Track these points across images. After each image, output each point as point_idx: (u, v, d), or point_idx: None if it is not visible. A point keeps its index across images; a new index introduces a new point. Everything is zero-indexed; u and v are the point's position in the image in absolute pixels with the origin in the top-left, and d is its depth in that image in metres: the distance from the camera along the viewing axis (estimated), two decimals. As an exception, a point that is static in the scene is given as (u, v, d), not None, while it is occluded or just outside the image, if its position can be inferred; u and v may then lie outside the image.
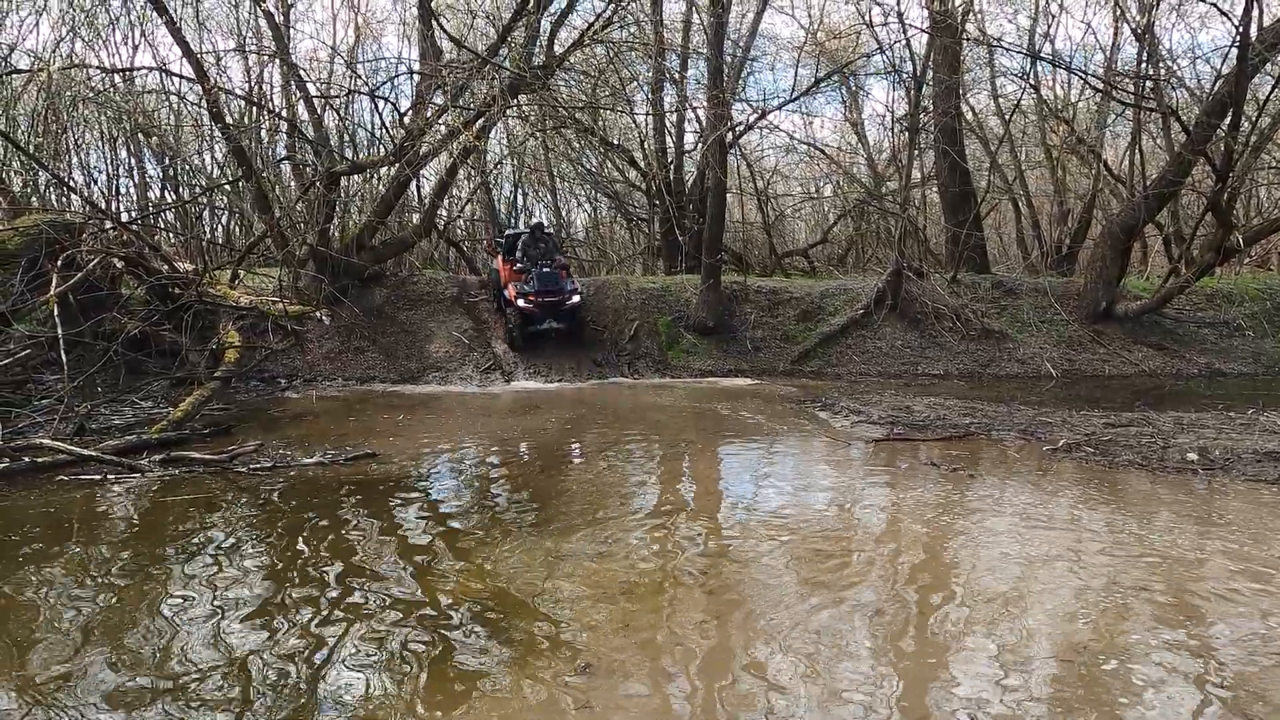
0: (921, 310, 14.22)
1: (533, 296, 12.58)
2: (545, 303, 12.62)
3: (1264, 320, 14.39)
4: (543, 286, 12.61)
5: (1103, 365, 13.23)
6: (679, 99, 17.70)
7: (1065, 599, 3.80)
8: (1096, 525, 4.90)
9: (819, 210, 24.32)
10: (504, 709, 2.91)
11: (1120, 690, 2.97)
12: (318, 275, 12.43)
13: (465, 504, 5.79)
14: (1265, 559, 4.23)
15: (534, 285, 12.64)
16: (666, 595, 3.93)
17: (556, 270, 12.95)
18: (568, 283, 13.07)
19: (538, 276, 12.64)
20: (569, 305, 12.84)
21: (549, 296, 12.62)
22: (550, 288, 12.64)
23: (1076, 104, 19.49)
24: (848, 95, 21.23)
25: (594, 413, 9.72)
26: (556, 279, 12.78)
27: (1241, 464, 6.20)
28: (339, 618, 3.70)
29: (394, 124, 12.77)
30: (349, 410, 10.01)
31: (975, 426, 8.01)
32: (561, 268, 13.22)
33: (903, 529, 5.00)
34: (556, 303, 12.71)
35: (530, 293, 12.60)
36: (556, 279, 12.78)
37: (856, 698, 2.95)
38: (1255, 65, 11.55)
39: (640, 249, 22.20)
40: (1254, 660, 3.19)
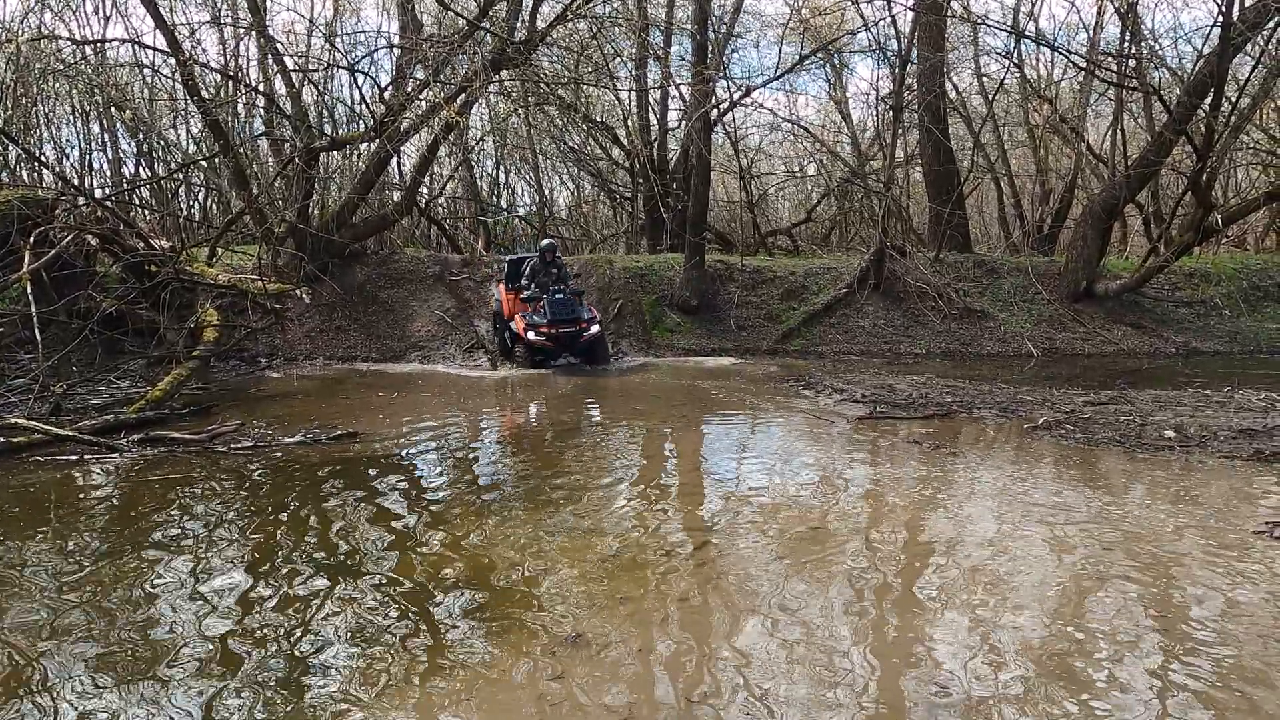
0: (904, 289, 14.28)
1: (545, 328, 10.80)
2: (561, 334, 10.83)
3: (1240, 300, 14.57)
4: (557, 315, 10.79)
5: (1082, 344, 13.35)
6: (663, 75, 17.55)
7: (1042, 572, 3.85)
8: (1075, 501, 4.96)
9: (803, 189, 24.28)
10: (487, 680, 2.91)
11: (1093, 658, 3.02)
12: (297, 253, 12.28)
13: (448, 482, 5.77)
14: (1237, 533, 4.30)
15: (545, 315, 10.86)
16: (652, 569, 3.94)
17: (571, 295, 11.28)
18: (584, 310, 11.31)
19: (550, 304, 10.85)
20: (589, 336, 11.03)
21: (565, 326, 10.79)
22: (566, 315, 10.83)
23: (1059, 83, 19.50)
24: (832, 73, 21.13)
25: (578, 391, 9.70)
26: (572, 305, 11.04)
27: (1217, 441, 6.29)
28: (321, 594, 3.68)
29: (374, 99, 12.58)
30: (330, 389, 9.94)
31: (957, 405, 8.07)
32: (576, 294, 11.48)
33: (885, 505, 5.03)
34: (573, 334, 10.89)
35: (542, 324, 10.82)
36: (572, 305, 11.04)
37: (838, 667, 2.98)
38: (1236, 45, 11.59)
39: (624, 228, 22.10)
40: (1223, 629, 3.25)
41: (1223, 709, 2.72)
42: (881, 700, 2.81)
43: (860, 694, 2.84)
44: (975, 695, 2.81)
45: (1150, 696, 2.81)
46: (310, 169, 11.99)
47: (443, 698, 2.85)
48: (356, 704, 2.79)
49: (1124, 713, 2.71)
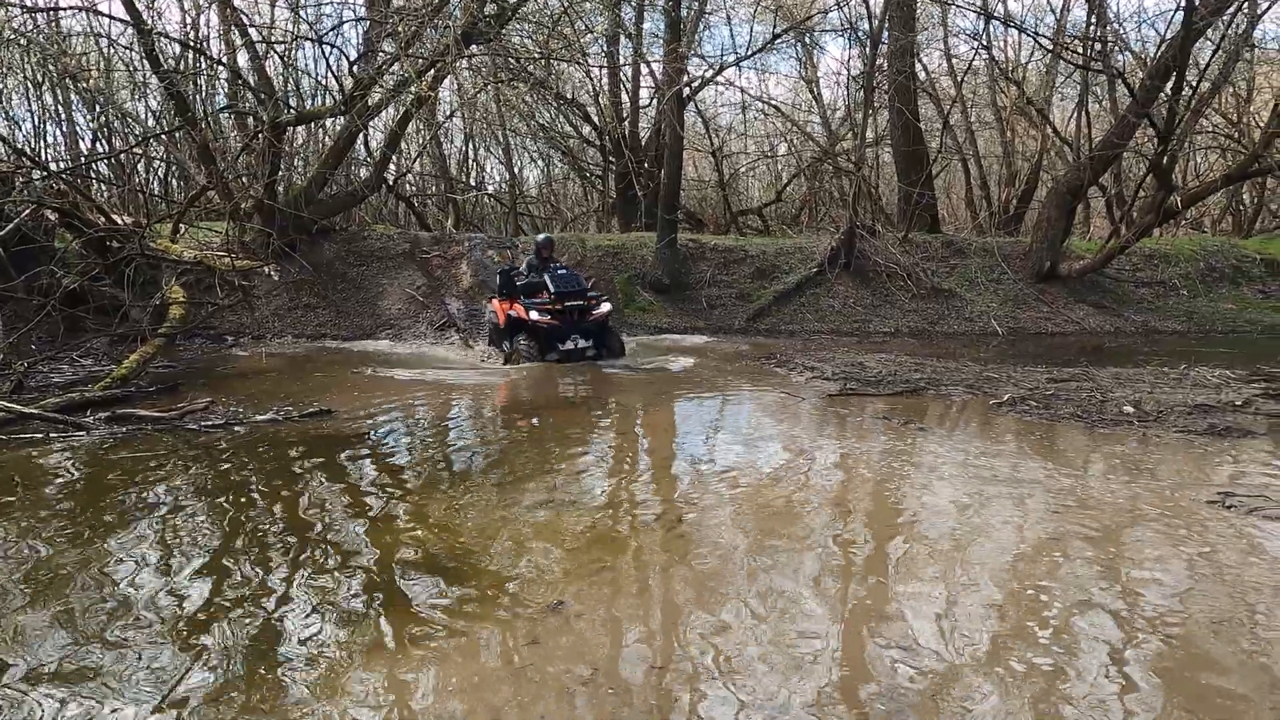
0: (874, 269, 14.45)
1: (549, 305, 9.67)
2: (569, 309, 9.64)
3: (1197, 280, 14.95)
4: (562, 288, 9.70)
5: (1046, 323, 13.64)
6: (635, 52, 17.46)
7: (1004, 542, 3.98)
8: (1037, 474, 5.11)
9: (774, 169, 24.35)
10: (460, 650, 2.95)
11: (1052, 623, 3.14)
12: (264, 229, 12.09)
13: (421, 459, 5.77)
14: (1191, 505, 4.47)
15: (549, 289, 9.72)
16: (625, 542, 4.00)
17: (575, 273, 10.42)
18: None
19: (553, 278, 9.79)
20: (598, 314, 9.86)
21: (573, 299, 9.67)
22: (573, 288, 9.76)
23: (1027, 66, 19.73)
24: (803, 52, 21.17)
25: (551, 370, 9.71)
26: (579, 279, 10.08)
27: (1173, 416, 6.50)
28: (292, 569, 3.69)
29: (342, 73, 12.36)
30: (300, 367, 9.84)
31: (924, 382, 8.22)
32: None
33: (854, 478, 5.15)
34: (583, 308, 9.73)
35: (547, 303, 9.69)
36: (579, 279, 10.08)
37: (806, 635, 3.07)
38: (1198, 30, 11.81)
39: (595, 206, 22.03)
40: (1175, 593, 3.40)
41: (1174, 666, 2.85)
42: (846, 663, 2.90)
43: (826, 657, 2.94)
44: (938, 657, 2.92)
45: (1105, 658, 2.94)
46: (277, 143, 11.78)
47: (414, 665, 2.88)
48: (326, 675, 2.82)
49: (1081, 673, 2.83)
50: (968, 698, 2.67)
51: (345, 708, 2.64)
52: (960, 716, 2.57)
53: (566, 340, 9.64)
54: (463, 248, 14.35)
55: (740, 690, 2.71)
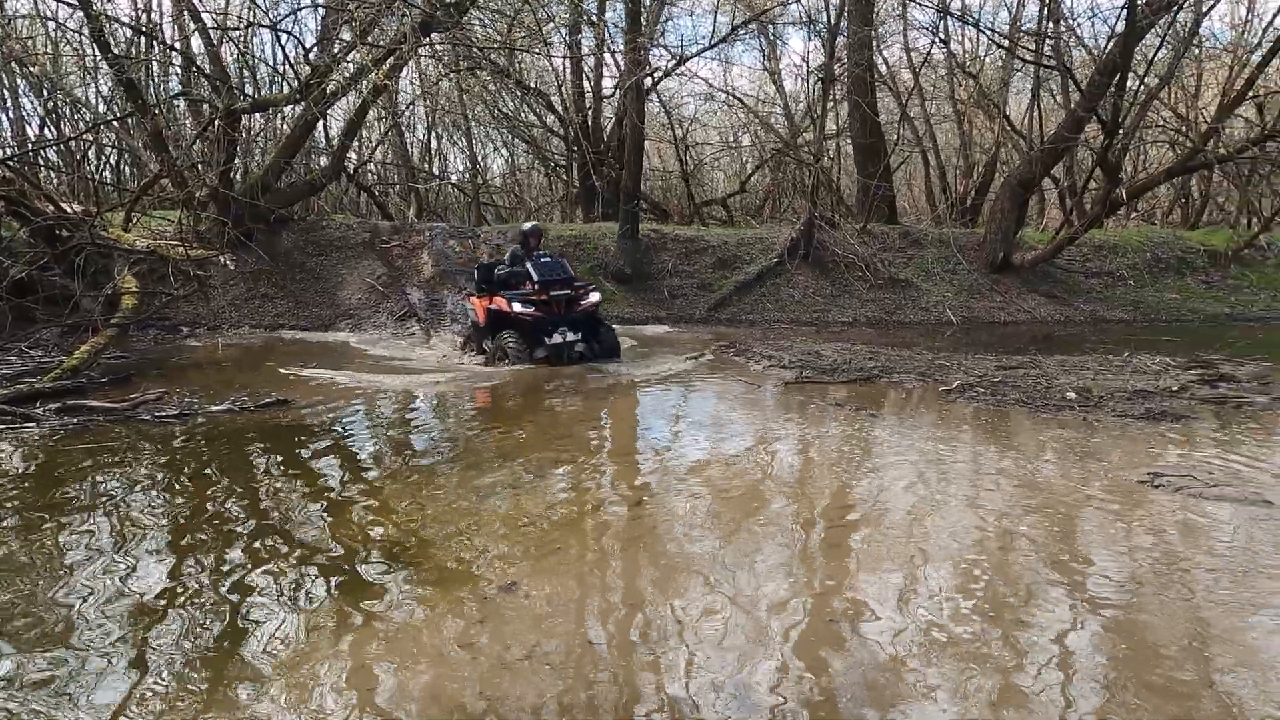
0: (833, 259, 14.66)
1: (533, 295, 8.76)
2: (554, 299, 8.76)
3: (1143, 271, 15.41)
4: (546, 276, 8.84)
5: (999, 313, 13.96)
6: (597, 42, 17.44)
7: (954, 521, 4.13)
8: (984, 457, 5.29)
9: (737, 160, 24.48)
10: (419, 637, 3.01)
11: (1000, 596, 3.29)
12: (219, 218, 11.92)
13: (380, 448, 5.79)
14: (1128, 484, 4.68)
15: (532, 278, 8.85)
16: (585, 526, 4.09)
17: (561, 259, 9.52)
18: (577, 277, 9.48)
19: (536, 266, 8.93)
20: (586, 304, 9.01)
21: (558, 288, 8.78)
22: (557, 276, 8.90)
23: (983, 60, 20.07)
24: (765, 44, 21.28)
25: (512, 359, 9.73)
26: (564, 266, 9.23)
27: (1114, 402, 6.74)
28: (251, 561, 3.71)
29: (299, 60, 12.20)
30: (257, 358, 9.75)
31: (879, 370, 8.41)
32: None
33: (810, 463, 5.28)
34: (569, 299, 8.85)
35: (532, 293, 8.80)
36: (564, 266, 9.23)
37: (764, 611, 3.18)
38: (1142, 28, 12.14)
39: (559, 196, 21.97)
40: (1119, 565, 3.57)
41: (1112, 629, 3.02)
42: (803, 640, 3.02)
43: (783, 633, 3.05)
44: (893, 635, 3.05)
45: (1050, 626, 3.09)
46: (232, 131, 11.60)
47: (372, 647, 2.94)
48: (284, 660, 2.87)
49: (1031, 645, 2.98)
50: (924, 670, 2.80)
51: (302, 692, 2.68)
52: (917, 688, 2.70)
53: (553, 333, 8.69)
54: (424, 237, 14.27)
55: (698, 668, 2.81)
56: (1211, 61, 17.74)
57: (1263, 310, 14.46)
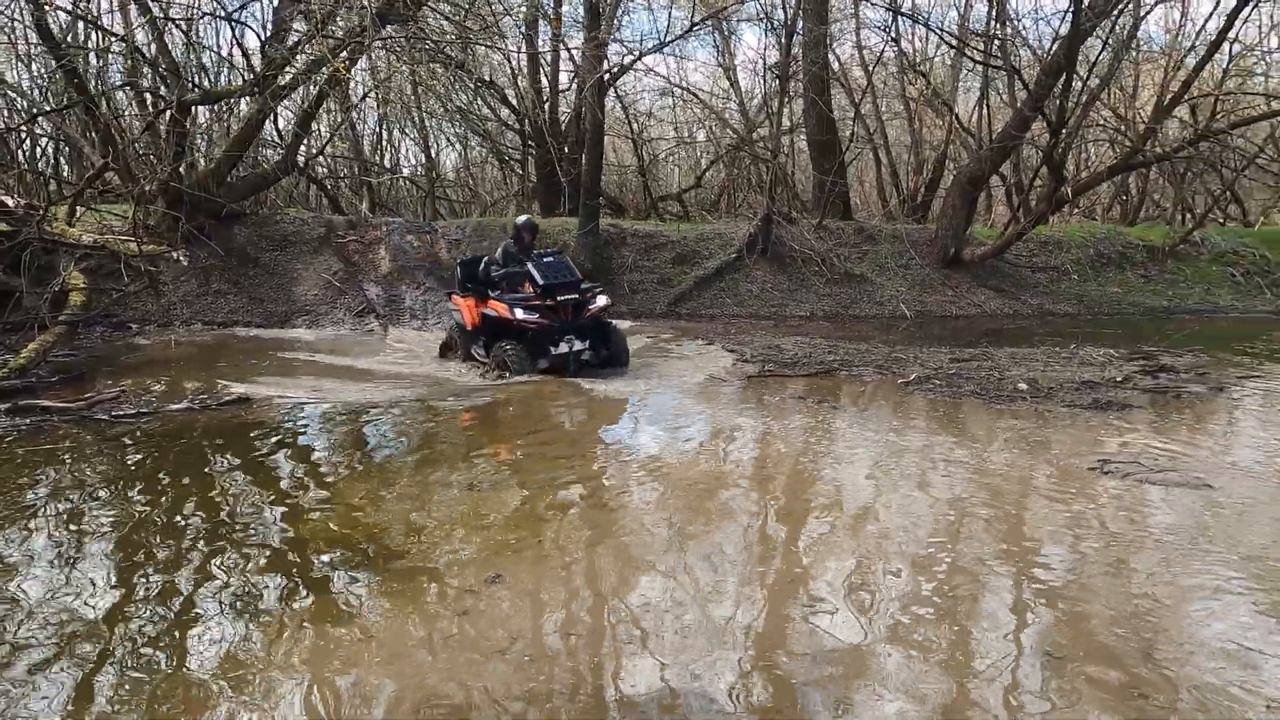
0: (790, 255, 14.87)
1: (537, 299, 7.93)
2: (561, 303, 7.89)
3: (1087, 266, 15.94)
4: (552, 279, 7.93)
5: (951, 306, 14.33)
6: (554, 37, 17.38)
7: (913, 509, 4.29)
8: (941, 447, 5.48)
9: (693, 155, 24.63)
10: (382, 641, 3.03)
11: (960, 584, 3.44)
12: (170, 212, 11.63)
13: (339, 446, 5.75)
14: (1079, 471, 4.90)
15: (536, 280, 7.96)
16: (547, 522, 4.14)
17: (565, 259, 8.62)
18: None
19: (539, 267, 8.02)
20: (595, 308, 8.18)
21: (565, 292, 7.91)
22: (563, 279, 8.00)
23: (933, 59, 20.51)
24: (721, 40, 21.44)
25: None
26: (570, 267, 8.34)
27: (1063, 392, 7.02)
28: (211, 565, 3.68)
29: (251, 51, 11.95)
30: (212, 356, 9.56)
31: (837, 363, 8.60)
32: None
33: (773, 455, 5.41)
34: (577, 303, 8.00)
35: (534, 296, 7.97)
36: (570, 267, 8.34)
37: (728, 601, 3.28)
38: (1086, 31, 12.56)
39: (514, 190, 21.86)
40: (1070, 548, 3.76)
41: (1061, 608, 3.18)
42: (765, 629, 3.12)
43: (746, 621, 3.15)
44: (853, 620, 3.17)
45: (1002, 607, 3.25)
46: (183, 123, 11.32)
47: (336, 647, 2.96)
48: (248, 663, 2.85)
49: (985, 625, 3.12)
50: (882, 655, 2.92)
51: (266, 694, 2.70)
52: (875, 674, 2.82)
53: (560, 342, 7.85)
54: (380, 232, 14.10)
55: (662, 656, 2.90)
56: (1149, 64, 18.39)
57: (1197, 303, 15.08)
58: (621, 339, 8.46)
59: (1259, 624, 3.07)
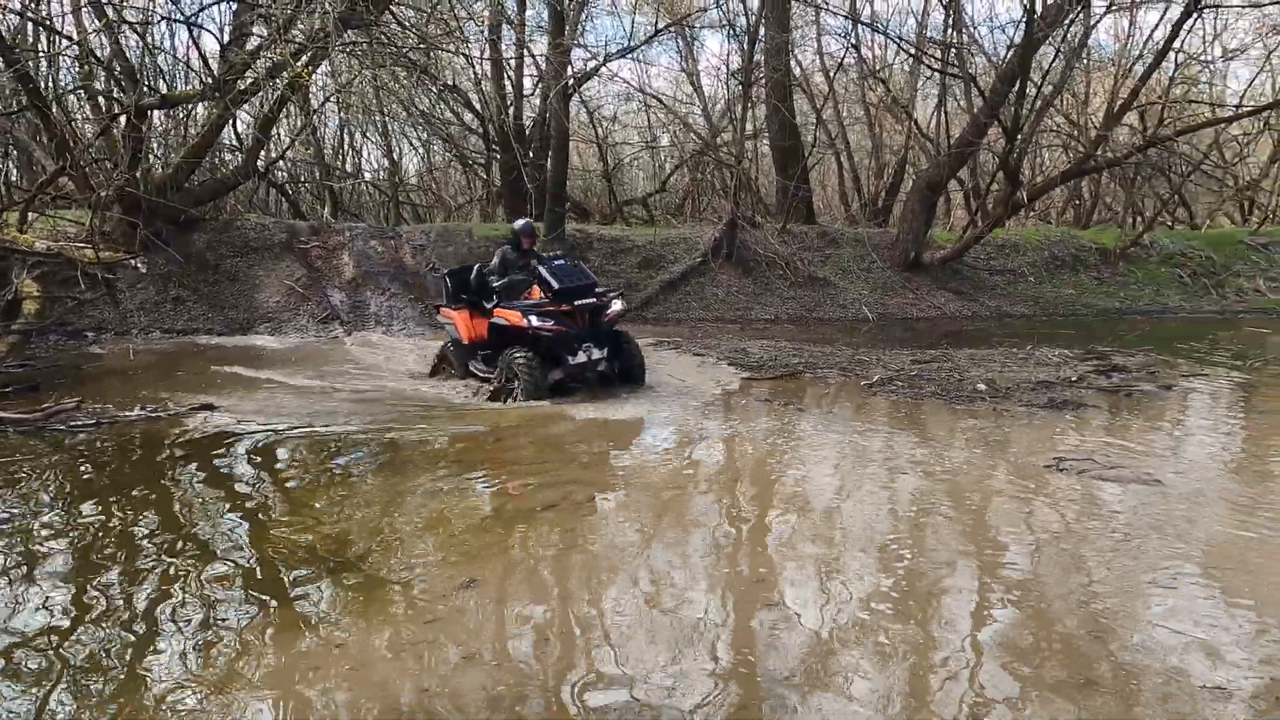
0: (755, 258, 15.03)
1: (552, 305, 7.24)
2: (580, 309, 7.26)
3: (1042, 268, 16.34)
4: (566, 281, 7.29)
5: (912, 309, 14.60)
6: (517, 42, 17.38)
7: (877, 507, 4.40)
8: (903, 446, 5.61)
9: (657, 159, 24.76)
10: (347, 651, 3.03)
11: (922, 577, 3.55)
12: (127, 218, 11.41)
13: (304, 456, 5.71)
14: (1035, 469, 5.05)
15: (550, 285, 7.26)
16: (514, 527, 4.17)
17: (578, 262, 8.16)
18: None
19: (553, 271, 7.34)
20: (613, 314, 7.55)
21: (582, 296, 7.29)
22: (579, 282, 7.38)
23: (892, 65, 20.87)
24: (684, 46, 21.60)
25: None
26: (582, 270, 7.73)
27: (1020, 392, 7.22)
28: (172, 576, 3.64)
29: (210, 55, 11.78)
30: (172, 365, 9.40)
31: (802, 366, 8.74)
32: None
33: (739, 456, 5.49)
34: (595, 308, 7.37)
35: (547, 302, 7.30)
36: (582, 270, 7.73)
37: (695, 600, 3.34)
38: (1038, 40, 12.90)
39: (479, 195, 21.78)
40: (1027, 542, 3.89)
41: (1019, 599, 3.30)
42: (733, 629, 3.19)
43: (716, 621, 3.22)
44: (819, 618, 3.25)
45: (963, 599, 3.36)
46: (140, 128, 11.11)
47: (305, 658, 2.97)
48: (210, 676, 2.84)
49: (946, 617, 3.23)
50: (844, 648, 3.01)
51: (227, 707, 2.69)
52: (840, 672, 2.90)
53: (578, 351, 7.24)
54: (344, 238, 13.97)
55: (630, 657, 2.95)
56: (1100, 72, 18.92)
57: (1148, 304, 15.54)
58: (638, 350, 7.74)
59: (1208, 612, 3.21)
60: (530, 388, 6.99)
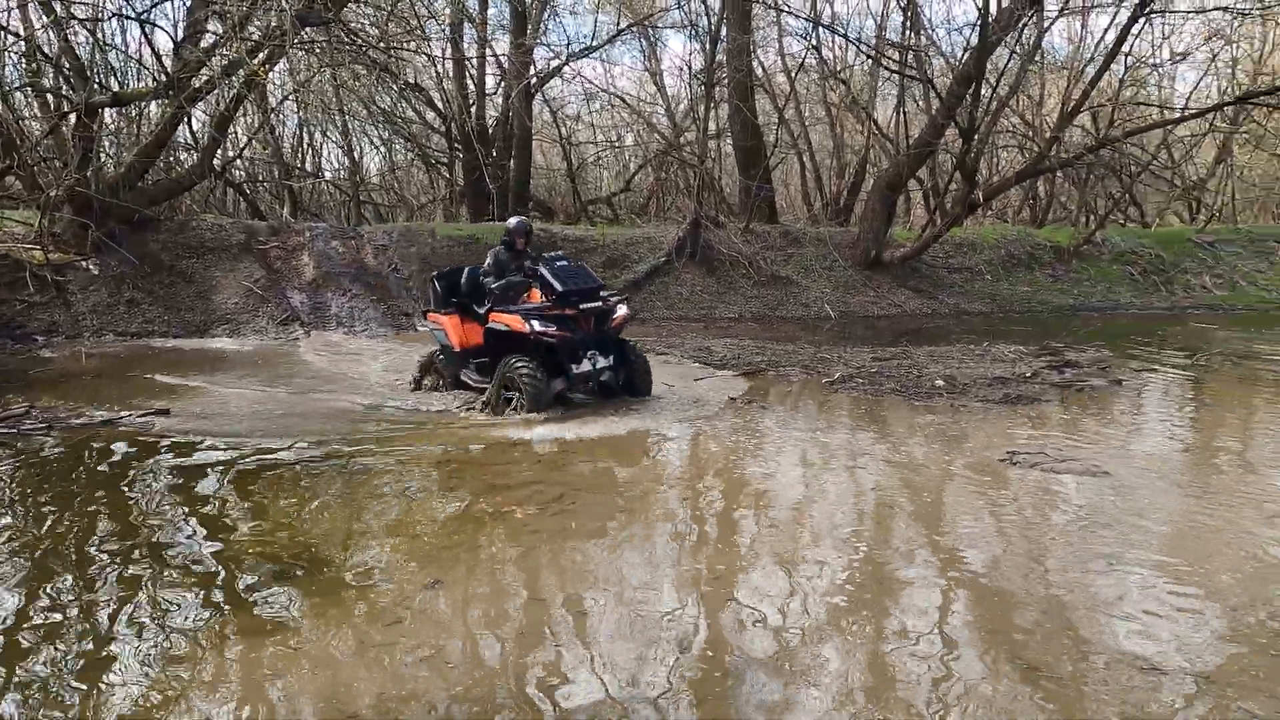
0: (718, 258, 15.13)
1: (555, 308, 6.64)
2: (585, 313, 6.73)
3: (999, 266, 16.67)
4: (570, 284, 6.71)
5: (873, 307, 14.81)
6: (479, 40, 17.28)
7: (839, 500, 4.48)
8: (864, 442, 5.71)
9: (621, 159, 24.78)
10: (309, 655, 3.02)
11: (884, 566, 3.62)
12: (78, 219, 11.14)
13: (264, 458, 5.64)
14: (990, 462, 5.17)
15: (553, 287, 6.66)
16: (481, 527, 4.18)
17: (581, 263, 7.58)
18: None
19: (554, 271, 6.76)
20: (620, 318, 7.01)
21: (588, 299, 6.74)
22: (585, 284, 6.81)
23: (853, 66, 21.13)
24: (647, 46, 21.64)
25: (403, 361, 9.60)
26: (588, 272, 7.18)
27: (976, 388, 7.37)
28: (126, 584, 3.60)
29: (164, 53, 11.54)
30: (126, 368, 9.21)
31: (765, 363, 8.83)
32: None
33: (703, 452, 5.54)
34: (602, 312, 6.86)
35: (549, 305, 6.69)
36: (588, 272, 7.18)
37: (661, 597, 3.38)
38: (993, 43, 13.16)
39: (441, 195, 21.61)
40: (983, 532, 3.98)
41: (978, 585, 3.39)
42: (700, 622, 3.23)
43: (682, 614, 3.26)
44: (785, 610, 3.31)
45: (924, 588, 3.43)
46: (89, 126, 10.86)
47: (268, 657, 2.96)
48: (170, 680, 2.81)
49: (907, 605, 3.30)
50: (808, 637, 3.06)
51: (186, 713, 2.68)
52: (807, 664, 2.95)
53: (582, 359, 6.71)
54: (304, 238, 13.78)
55: (600, 655, 2.98)
56: (1054, 74, 19.33)
57: (1100, 301, 15.95)
58: (644, 359, 7.26)
59: (1153, 594, 3.32)
60: (533, 399, 6.44)
